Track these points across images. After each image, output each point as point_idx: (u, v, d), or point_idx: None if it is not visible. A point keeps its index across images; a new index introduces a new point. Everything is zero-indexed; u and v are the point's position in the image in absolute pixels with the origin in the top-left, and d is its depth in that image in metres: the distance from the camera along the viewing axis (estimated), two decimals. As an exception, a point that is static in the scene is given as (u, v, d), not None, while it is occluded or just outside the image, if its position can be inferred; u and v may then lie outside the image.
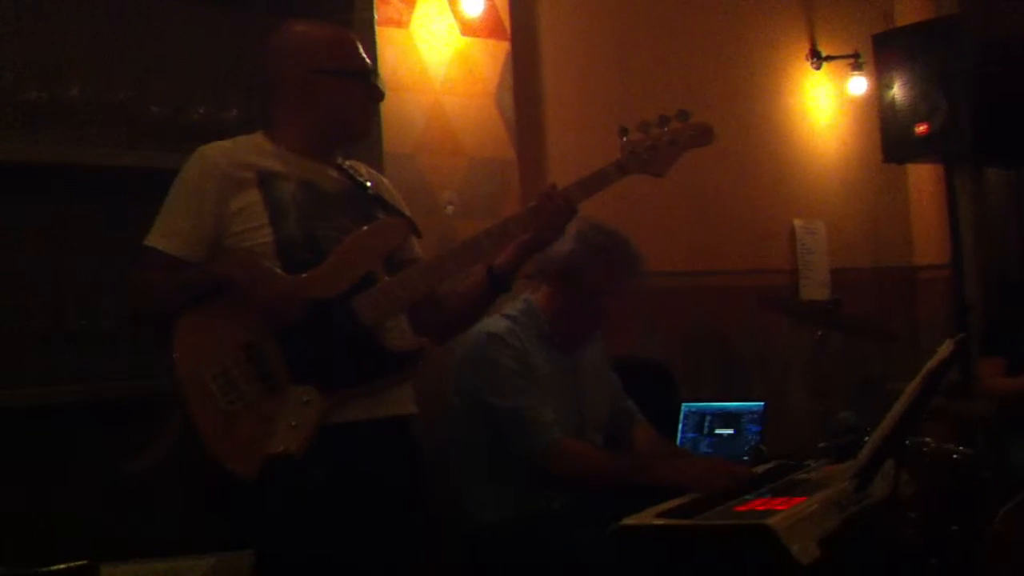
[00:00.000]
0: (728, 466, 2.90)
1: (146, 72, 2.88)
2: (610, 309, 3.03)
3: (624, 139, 2.47)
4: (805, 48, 4.96)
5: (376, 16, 3.20)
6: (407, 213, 2.56)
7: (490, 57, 3.66)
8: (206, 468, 2.16)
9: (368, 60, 2.46)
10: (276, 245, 2.28)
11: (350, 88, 2.41)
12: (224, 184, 2.30)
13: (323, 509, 2.20)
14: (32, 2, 2.74)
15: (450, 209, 3.49)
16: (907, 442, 3.03)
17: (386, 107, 3.28)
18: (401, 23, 3.46)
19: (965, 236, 5.08)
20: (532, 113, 3.87)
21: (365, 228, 2.36)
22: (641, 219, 3.78)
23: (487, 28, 3.67)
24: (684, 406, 3.77)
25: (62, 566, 1.52)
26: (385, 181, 2.61)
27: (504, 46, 3.71)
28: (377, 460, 2.31)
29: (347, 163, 2.50)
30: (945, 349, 2.67)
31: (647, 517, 2.44)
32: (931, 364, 2.66)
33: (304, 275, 2.27)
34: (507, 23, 3.71)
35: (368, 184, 2.48)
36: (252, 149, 2.38)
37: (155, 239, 2.30)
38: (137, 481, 2.40)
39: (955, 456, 3.44)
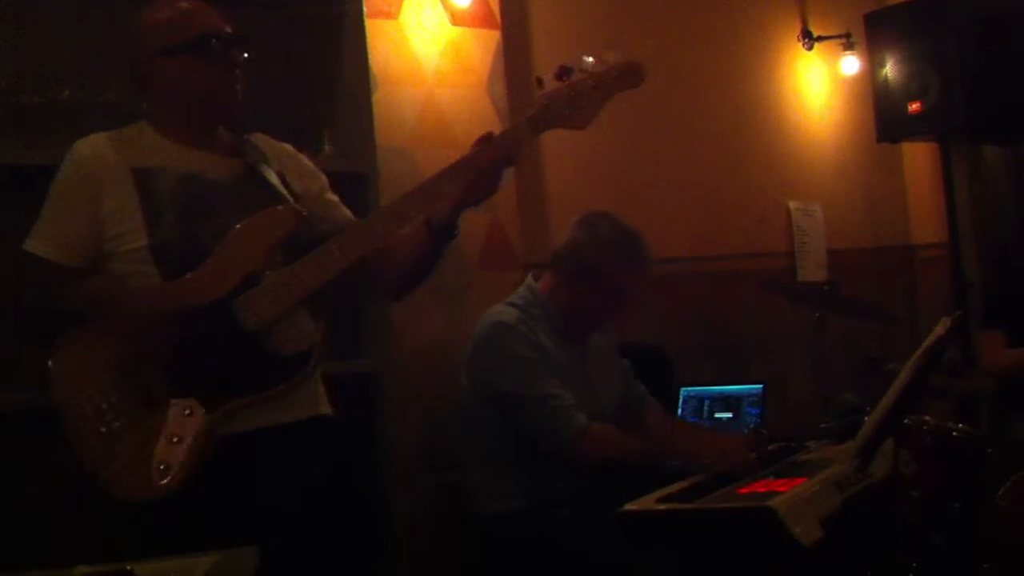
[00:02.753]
0: (744, 441, 2.93)
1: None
2: (619, 304, 3.04)
3: (540, 90, 2.23)
4: (796, 29, 4.96)
5: (365, 8, 3.19)
6: (322, 180, 2.40)
7: (481, 47, 3.66)
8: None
9: (215, 25, 2.24)
10: (152, 250, 2.13)
11: (195, 61, 2.20)
12: (96, 184, 2.15)
13: (227, 520, 2.04)
14: (25, 6, 2.74)
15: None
16: (907, 421, 3.03)
17: (378, 100, 3.29)
18: (391, 14, 3.46)
19: (962, 213, 5.09)
20: (525, 102, 3.85)
21: (245, 223, 2.16)
22: (637, 206, 3.78)
23: (477, 18, 3.66)
24: (683, 390, 3.78)
25: (89, 569, 1.52)
26: (295, 156, 2.42)
27: (495, 35, 3.70)
28: (281, 466, 2.17)
29: (245, 140, 2.32)
30: (942, 327, 2.68)
31: (649, 502, 2.46)
32: (928, 343, 2.66)
33: (179, 281, 2.12)
34: (497, 12, 3.70)
35: (262, 168, 2.28)
36: (132, 142, 2.23)
37: (32, 243, 2.17)
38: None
39: (955, 434, 3.44)
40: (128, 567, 1.40)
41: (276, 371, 2.15)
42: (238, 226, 2.15)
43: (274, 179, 2.28)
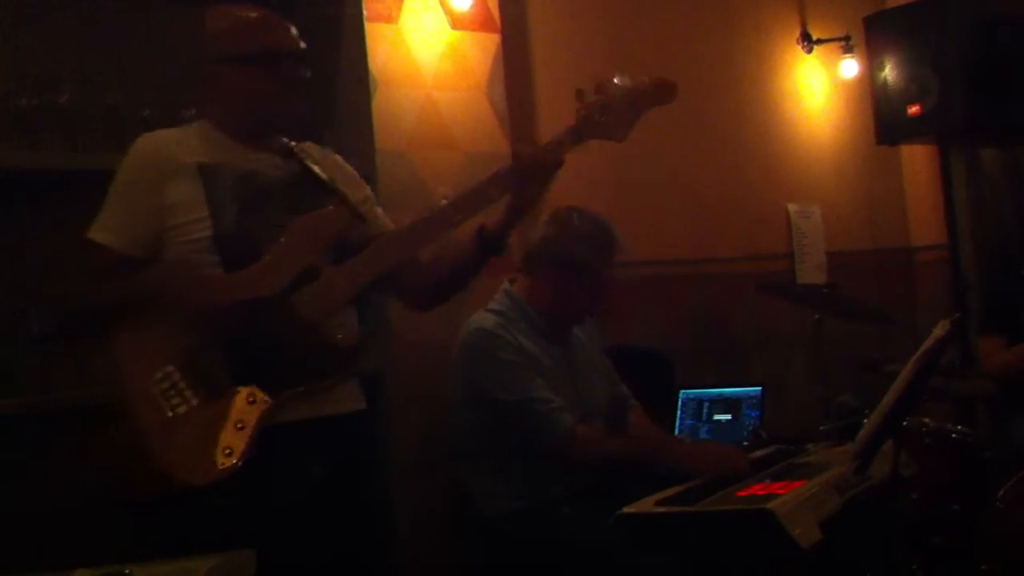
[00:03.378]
0: (735, 451, 2.94)
1: (137, 76, 2.88)
2: (602, 292, 3.04)
3: (580, 102, 2.35)
4: (796, 32, 4.96)
5: (365, 12, 3.19)
6: (366, 191, 2.51)
7: (481, 50, 3.66)
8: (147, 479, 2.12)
9: (288, 40, 2.34)
10: (215, 240, 2.23)
11: (260, 72, 2.29)
12: (160, 176, 2.24)
13: (268, 510, 2.15)
14: (23, 9, 2.74)
15: (445, 204, 3.49)
16: (906, 423, 3.03)
17: (378, 103, 3.29)
18: (390, 18, 3.46)
19: (961, 216, 5.09)
20: (524, 105, 3.87)
21: (304, 219, 2.27)
22: (636, 208, 3.79)
23: (477, 21, 3.67)
24: (682, 393, 3.78)
25: (93, 572, 1.53)
26: (343, 165, 2.53)
27: (494, 39, 3.70)
28: (322, 459, 2.26)
29: (298, 146, 2.41)
30: (940, 330, 2.68)
31: (648, 505, 2.45)
32: (927, 345, 2.66)
33: (240, 273, 2.21)
34: (496, 15, 3.71)
35: (316, 169, 2.39)
36: (194, 138, 2.33)
37: (94, 232, 2.25)
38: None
39: (954, 436, 3.45)
40: (127, 570, 1.40)
41: (332, 362, 2.26)
42: (297, 222, 2.25)
43: (327, 181, 2.38)
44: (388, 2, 3.45)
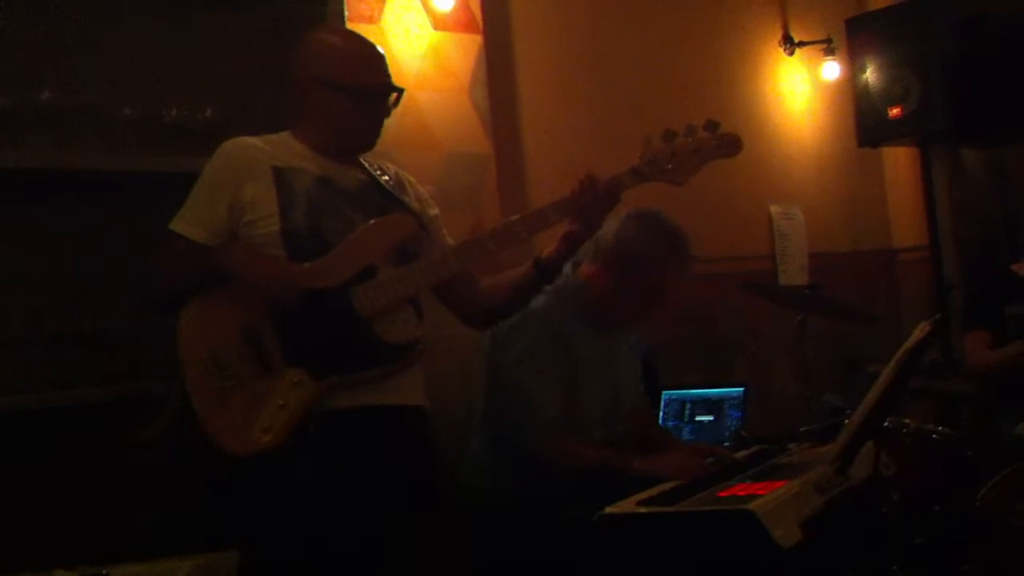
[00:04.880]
0: (707, 451, 2.96)
1: (118, 74, 2.87)
2: (660, 300, 3.03)
3: (646, 146, 2.49)
4: (778, 34, 4.98)
5: (347, 12, 3.19)
6: (433, 211, 2.65)
7: (463, 51, 3.66)
8: (202, 455, 2.25)
9: (385, 76, 2.52)
10: (282, 235, 2.37)
11: (349, 103, 2.46)
12: (241, 176, 2.41)
13: (314, 496, 2.27)
14: (3, 7, 2.72)
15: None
16: (887, 423, 3.04)
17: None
18: (372, 18, 3.46)
19: (942, 217, 5.11)
20: (507, 105, 3.87)
21: (372, 222, 2.43)
22: (617, 208, 3.78)
23: (459, 22, 3.67)
24: (664, 394, 3.78)
25: (66, 573, 1.52)
26: (411, 180, 2.68)
27: (477, 39, 3.70)
28: (374, 447, 2.36)
29: (374, 163, 2.59)
30: (921, 331, 2.69)
31: (630, 505, 2.45)
32: (907, 346, 2.67)
33: (307, 265, 2.35)
34: (479, 16, 3.71)
35: (386, 179, 2.56)
36: (275, 145, 2.49)
37: (176, 224, 2.41)
38: (142, 455, 2.42)
39: (935, 436, 3.46)
40: (104, 571, 1.39)
41: (379, 356, 2.38)
42: (365, 225, 2.42)
43: (395, 194, 2.56)
44: (370, 2, 3.44)
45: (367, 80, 2.49)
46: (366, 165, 2.58)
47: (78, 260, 2.78)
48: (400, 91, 2.56)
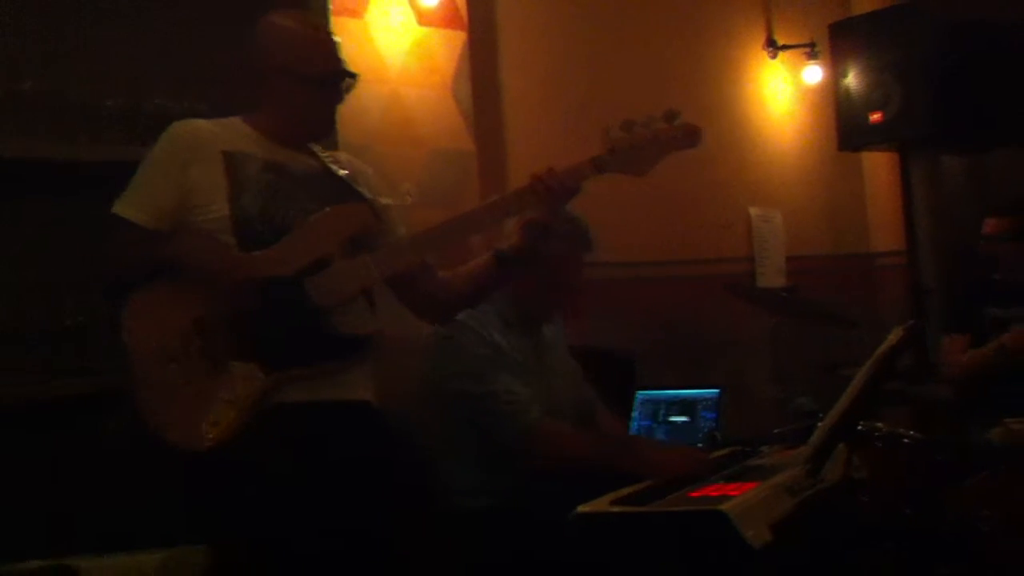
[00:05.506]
0: (699, 453, 2.97)
1: (100, 65, 2.86)
2: (572, 288, 3.05)
3: (606, 137, 2.44)
4: (762, 37, 5.00)
5: (331, 6, 3.19)
6: (386, 201, 2.59)
7: (447, 47, 3.66)
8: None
9: (338, 63, 2.45)
10: (232, 221, 2.30)
11: (304, 91, 2.40)
12: (189, 158, 2.33)
13: (264, 493, 2.19)
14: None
15: (409, 200, 3.49)
16: (860, 427, 3.06)
17: (342, 98, 3.28)
18: (356, 12, 3.45)
19: (921, 222, 5.14)
20: (490, 103, 3.87)
21: (326, 210, 2.36)
22: (599, 209, 3.78)
23: (444, 18, 3.67)
24: (639, 394, 3.79)
25: (37, 564, 1.52)
26: (366, 170, 2.61)
27: (461, 36, 3.71)
28: (325, 443, 2.30)
29: (326, 153, 2.52)
30: (895, 336, 2.70)
31: (603, 504, 2.46)
32: (881, 350, 2.69)
33: (257, 253, 2.28)
34: (464, 12, 3.71)
35: (343, 172, 2.49)
36: (226, 129, 2.42)
37: (120, 207, 2.33)
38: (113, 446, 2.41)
39: (906, 440, 3.47)
40: (72, 564, 1.39)
41: (333, 349, 2.32)
42: (319, 213, 2.33)
43: (349, 183, 2.48)
44: (355, -4, 3.44)
45: (321, 67, 2.41)
46: (318, 153, 2.51)
47: (57, 252, 2.76)
48: (353, 76, 2.48)
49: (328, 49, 2.45)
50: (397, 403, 3.24)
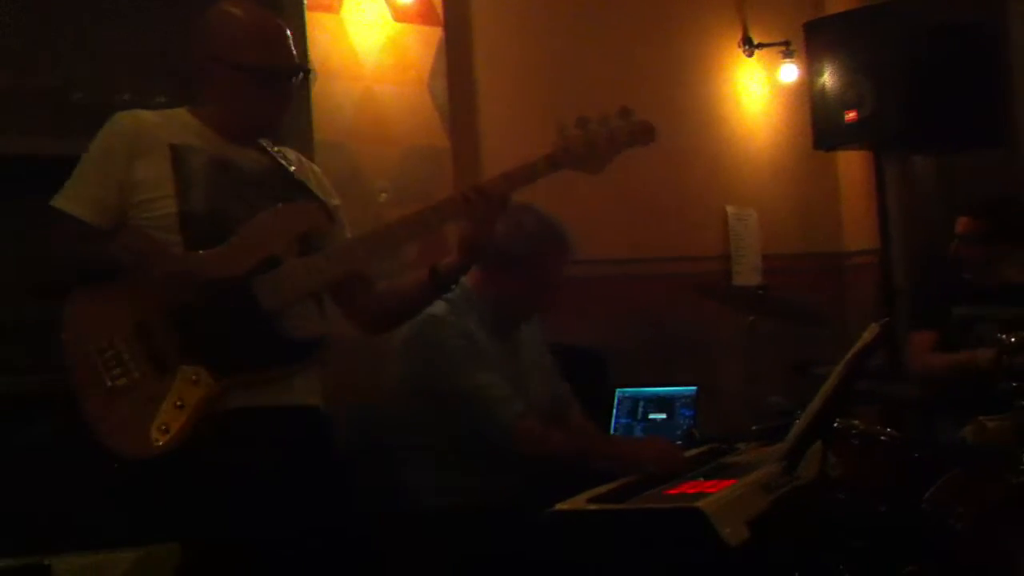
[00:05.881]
0: (672, 445, 2.97)
1: (70, 59, 2.83)
2: (550, 291, 3.06)
3: (560, 134, 2.41)
4: (737, 35, 5.00)
5: (306, 1, 3.17)
6: (335, 202, 2.52)
7: (423, 44, 3.65)
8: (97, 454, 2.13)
9: (287, 57, 2.36)
10: (180, 218, 2.23)
11: (248, 84, 2.31)
12: (133, 151, 2.25)
13: (212, 501, 2.14)
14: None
15: (383, 197, 3.48)
16: (835, 424, 3.07)
17: (316, 94, 3.27)
18: (332, 8, 3.44)
19: (893, 222, 5.16)
20: (465, 100, 3.86)
21: (274, 209, 2.29)
22: (573, 207, 3.78)
23: (419, 14, 3.65)
24: (618, 391, 3.80)
25: (11, 562, 1.50)
26: (315, 169, 2.55)
27: (437, 32, 3.70)
28: (272, 449, 2.24)
29: (275, 148, 2.44)
30: (869, 334, 2.71)
31: (579, 502, 2.46)
32: (856, 348, 2.70)
33: (203, 252, 2.21)
34: (440, 9, 3.70)
35: (292, 168, 2.42)
36: (172, 121, 2.34)
37: (61, 201, 2.26)
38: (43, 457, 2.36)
39: (882, 437, 3.49)
40: (46, 562, 1.37)
41: (284, 353, 2.26)
42: (268, 211, 2.27)
43: (299, 180, 2.42)
44: (330, -8, 3.42)
45: (269, 60, 2.33)
46: (268, 149, 2.43)
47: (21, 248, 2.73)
48: (306, 71, 2.43)
49: (276, 41, 2.36)
50: (361, 401, 3.25)
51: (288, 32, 2.38)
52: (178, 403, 2.13)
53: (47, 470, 2.48)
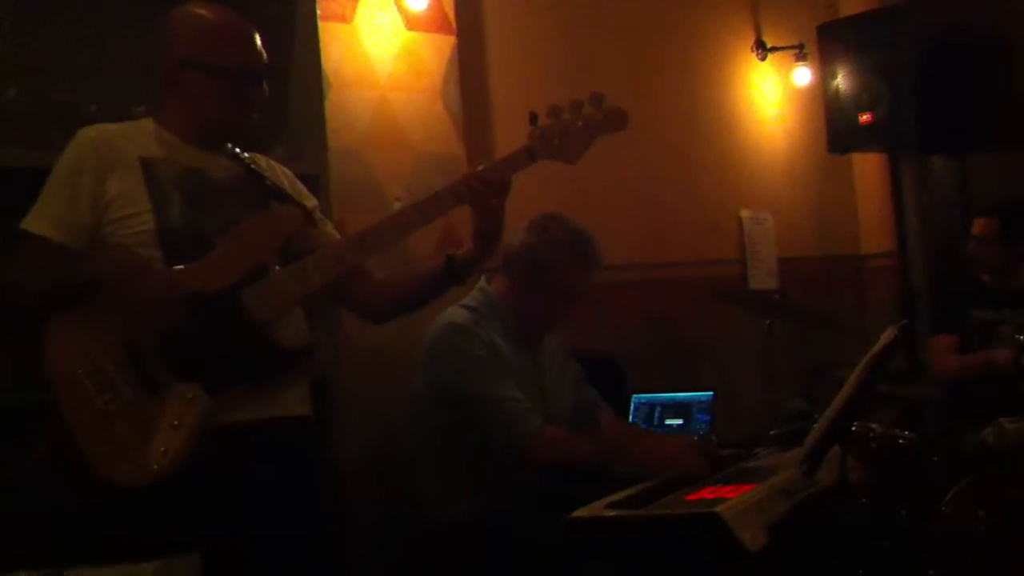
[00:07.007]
0: (695, 445, 2.94)
1: (85, 72, 2.84)
2: (575, 301, 3.05)
3: (534, 125, 2.38)
4: (750, 39, 5.00)
5: (319, 11, 3.18)
6: (312, 203, 2.47)
7: (436, 52, 3.65)
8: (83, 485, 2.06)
9: (255, 57, 2.29)
10: (158, 234, 2.16)
11: (219, 85, 2.24)
12: (101, 167, 2.17)
13: (212, 511, 2.09)
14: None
15: (398, 205, 3.48)
16: (854, 428, 3.06)
17: (331, 103, 3.27)
18: (345, 18, 3.44)
19: (910, 224, 5.15)
20: (479, 107, 3.87)
21: (255, 217, 2.23)
22: (589, 212, 3.78)
23: (432, 22, 3.66)
24: (634, 398, 3.79)
25: (32, 574, 1.50)
26: (287, 172, 2.48)
27: (450, 40, 3.70)
28: (268, 462, 2.19)
29: (245, 155, 2.37)
30: (888, 336, 2.70)
31: (598, 509, 2.45)
32: (874, 351, 2.69)
33: (186, 267, 2.14)
34: (452, 17, 3.70)
35: (263, 174, 2.36)
36: (138, 133, 2.26)
37: (31, 223, 2.16)
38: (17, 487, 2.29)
39: (901, 441, 3.48)
40: (66, 573, 1.38)
41: (278, 363, 2.21)
42: (249, 219, 2.21)
43: (274, 186, 2.35)
44: (343, 1, 3.43)
45: (238, 60, 2.25)
46: (239, 155, 2.35)
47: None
48: (270, 71, 2.34)
49: (250, 41, 2.29)
50: (369, 409, 3.26)
51: (255, 32, 2.32)
52: (176, 423, 2.07)
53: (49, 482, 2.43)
